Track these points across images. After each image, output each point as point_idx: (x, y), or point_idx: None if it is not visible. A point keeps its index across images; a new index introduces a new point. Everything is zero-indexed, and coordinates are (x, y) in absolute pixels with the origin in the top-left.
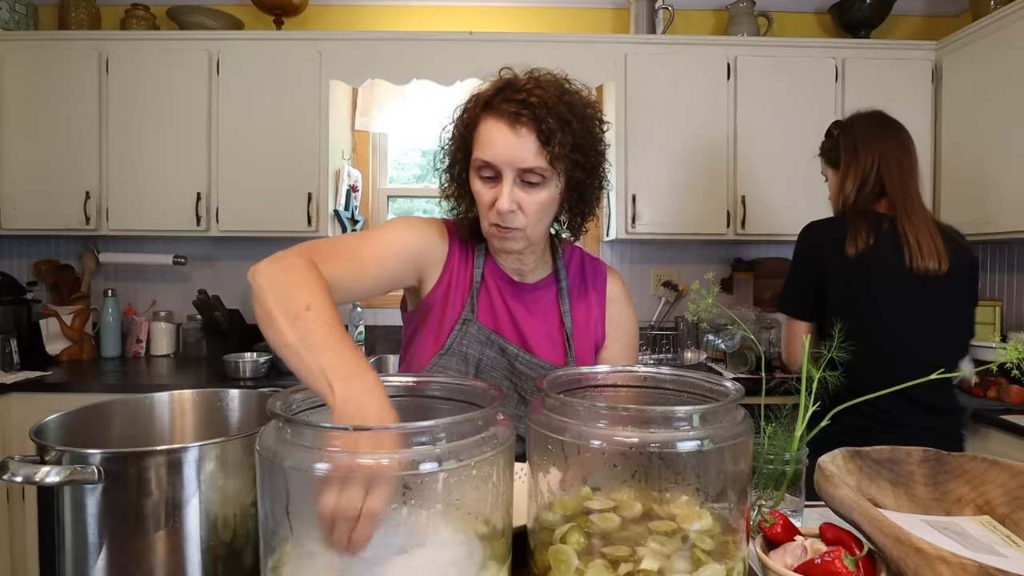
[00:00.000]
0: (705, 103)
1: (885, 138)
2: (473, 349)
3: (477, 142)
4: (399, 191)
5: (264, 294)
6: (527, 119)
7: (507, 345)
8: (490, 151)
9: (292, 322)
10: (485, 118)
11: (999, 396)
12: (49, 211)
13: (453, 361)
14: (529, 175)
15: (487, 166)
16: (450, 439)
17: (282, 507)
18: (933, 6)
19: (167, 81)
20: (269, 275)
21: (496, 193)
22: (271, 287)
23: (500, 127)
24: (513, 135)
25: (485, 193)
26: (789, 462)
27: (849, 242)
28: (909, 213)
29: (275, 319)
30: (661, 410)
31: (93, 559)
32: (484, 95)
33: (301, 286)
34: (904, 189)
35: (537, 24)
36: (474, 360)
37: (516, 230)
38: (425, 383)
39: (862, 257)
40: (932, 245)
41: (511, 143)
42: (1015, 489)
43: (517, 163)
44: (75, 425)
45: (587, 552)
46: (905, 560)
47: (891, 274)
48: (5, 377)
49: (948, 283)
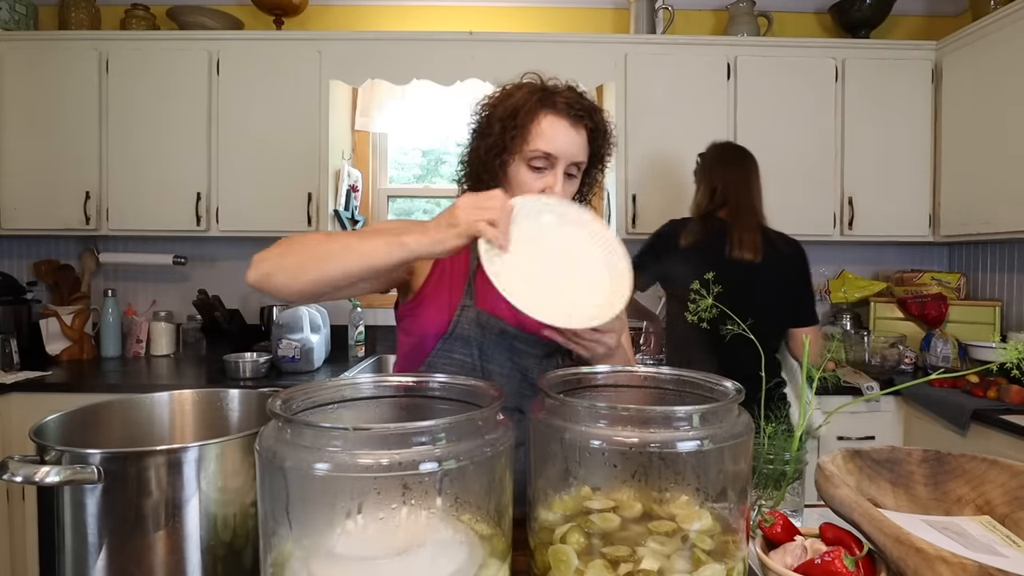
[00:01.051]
0: (705, 103)
1: (730, 163)
2: (475, 333)
3: (535, 135)
4: (399, 191)
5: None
6: (585, 119)
7: (506, 327)
8: (552, 144)
9: (324, 248)
10: (546, 114)
11: (999, 396)
12: (49, 211)
13: (457, 345)
14: (572, 168)
15: (545, 157)
16: (450, 439)
17: (282, 507)
18: (933, 6)
19: (167, 81)
20: (267, 255)
21: (546, 182)
22: (280, 255)
23: (563, 123)
24: (574, 132)
25: (533, 181)
26: (789, 462)
27: (684, 236)
28: (739, 218)
29: (307, 261)
30: (661, 410)
31: (93, 559)
32: (536, 91)
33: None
34: (738, 200)
35: (537, 24)
36: (476, 343)
37: None
38: (425, 383)
39: (690, 247)
40: (752, 241)
41: (572, 138)
42: (1015, 489)
43: (572, 157)
44: (75, 425)
45: (587, 552)
46: (905, 560)
47: (710, 260)
48: (5, 377)
49: (765, 271)
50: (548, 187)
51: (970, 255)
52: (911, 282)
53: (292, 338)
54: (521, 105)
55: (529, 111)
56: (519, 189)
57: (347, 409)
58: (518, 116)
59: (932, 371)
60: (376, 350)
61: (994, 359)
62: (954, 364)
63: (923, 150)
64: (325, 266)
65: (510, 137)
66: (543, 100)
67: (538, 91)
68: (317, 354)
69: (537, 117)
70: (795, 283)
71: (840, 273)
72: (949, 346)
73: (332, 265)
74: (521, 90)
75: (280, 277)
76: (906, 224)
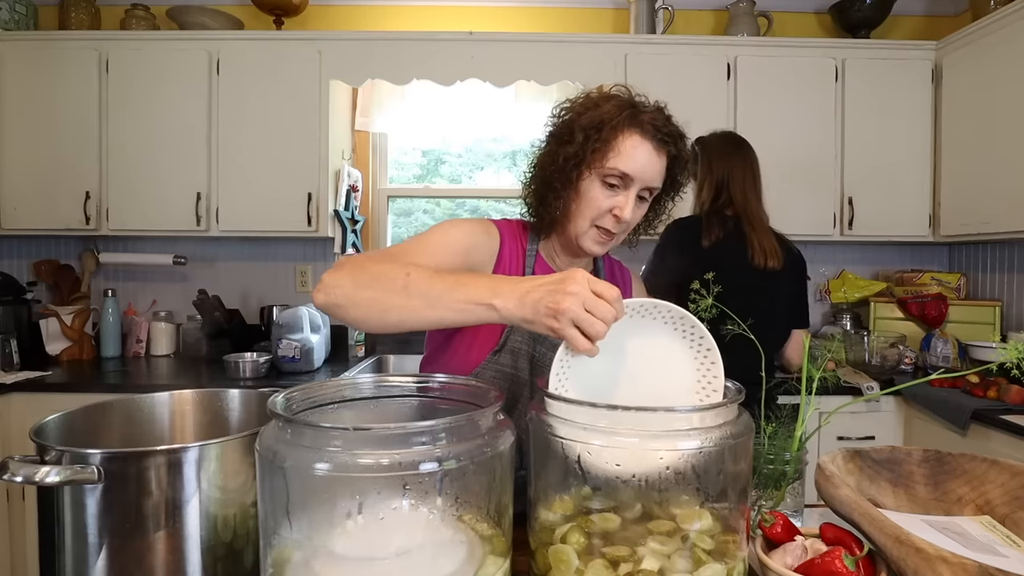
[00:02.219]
0: (705, 103)
1: (734, 156)
2: (527, 345)
3: (616, 153)
4: (399, 191)
5: (355, 294)
6: (669, 146)
7: (557, 340)
8: (632, 164)
9: (405, 293)
10: (631, 133)
11: (999, 396)
12: (49, 211)
13: (507, 358)
14: (645, 192)
15: (622, 176)
16: (450, 439)
17: (282, 507)
18: (933, 6)
19: (167, 81)
20: (342, 281)
21: (616, 202)
22: (355, 286)
23: (647, 146)
24: (656, 156)
25: (603, 199)
26: (789, 462)
27: (704, 237)
28: (752, 220)
29: (386, 300)
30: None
31: (93, 559)
32: (626, 107)
33: (381, 268)
34: (746, 199)
35: (537, 24)
36: (527, 355)
37: (614, 236)
38: (425, 383)
39: (713, 249)
40: (772, 248)
41: (653, 163)
42: (1015, 489)
43: (648, 181)
44: (75, 425)
45: (587, 552)
46: (905, 560)
47: (736, 263)
48: (5, 377)
49: (782, 277)
50: (617, 208)
51: (970, 255)
52: (911, 282)
53: (292, 338)
54: (608, 119)
55: (615, 127)
56: (587, 203)
57: (347, 409)
58: (603, 130)
59: (932, 371)
60: (376, 350)
61: (994, 359)
62: (954, 364)
63: (923, 150)
64: (402, 315)
65: (591, 149)
66: (631, 118)
67: (627, 107)
68: (317, 354)
69: (622, 135)
70: (802, 286)
71: (840, 273)
72: (949, 346)
73: (412, 317)
74: (609, 102)
75: (354, 313)
76: (906, 224)
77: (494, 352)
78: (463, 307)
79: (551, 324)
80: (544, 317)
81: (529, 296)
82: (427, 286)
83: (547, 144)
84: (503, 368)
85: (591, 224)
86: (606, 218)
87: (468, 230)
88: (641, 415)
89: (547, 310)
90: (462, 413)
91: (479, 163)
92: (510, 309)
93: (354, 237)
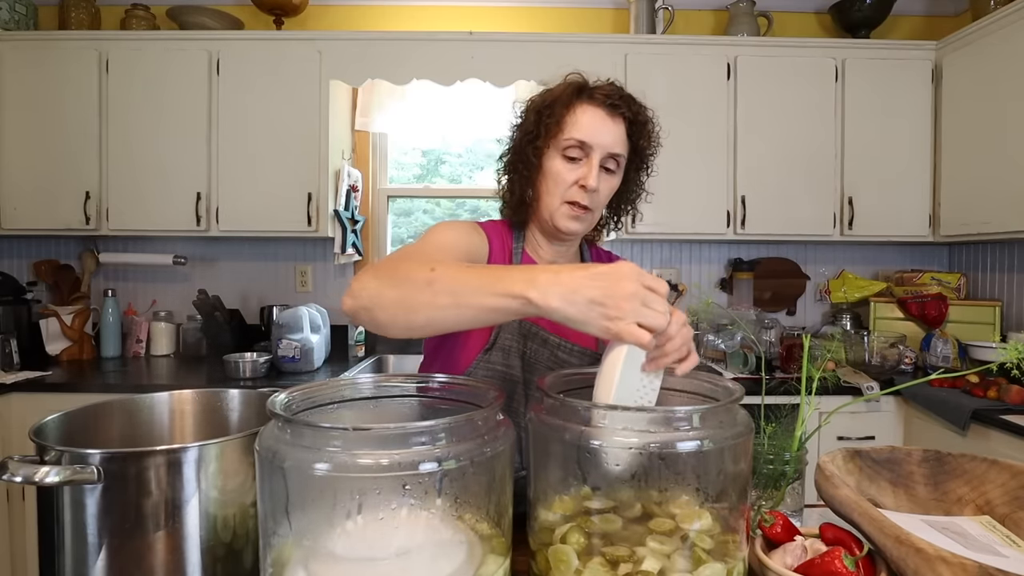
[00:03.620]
0: (705, 103)
1: None
2: (518, 343)
3: (570, 124)
4: (399, 191)
5: (381, 295)
6: (623, 110)
7: (548, 336)
8: (586, 132)
9: (430, 290)
10: (581, 103)
11: (999, 396)
12: (49, 211)
13: (499, 356)
14: (609, 161)
15: (579, 146)
16: (450, 439)
17: (282, 507)
18: (933, 6)
19: (167, 81)
20: (368, 283)
21: (580, 173)
22: (380, 286)
23: (598, 113)
24: (610, 121)
25: (567, 172)
26: (789, 462)
27: None
28: None
29: (412, 299)
30: (661, 410)
31: (93, 559)
32: (575, 85)
33: (406, 266)
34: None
35: (537, 24)
36: (518, 353)
37: (588, 211)
38: (425, 383)
39: None
40: None
41: (608, 128)
42: (1015, 489)
43: (607, 147)
44: (75, 425)
45: (587, 552)
46: (905, 560)
47: None
48: (5, 377)
49: None
50: (582, 178)
51: (970, 255)
52: (911, 282)
53: (292, 338)
54: (558, 96)
55: (565, 101)
56: (553, 180)
57: (347, 409)
58: (555, 106)
59: (932, 371)
60: (376, 350)
61: (994, 359)
62: (954, 364)
63: (923, 150)
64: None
65: (545, 126)
66: (580, 91)
67: (577, 85)
68: (317, 354)
69: (572, 106)
70: None
71: (840, 273)
72: (949, 346)
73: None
74: (560, 85)
75: (381, 316)
76: (906, 224)
77: (485, 351)
78: (495, 302)
79: (606, 326)
80: (600, 319)
81: (579, 295)
82: (454, 280)
83: (510, 134)
84: (494, 366)
85: (561, 200)
86: (573, 190)
87: (462, 231)
88: (641, 415)
89: (602, 315)
90: (462, 413)
91: (479, 163)
92: (553, 306)
93: (354, 237)
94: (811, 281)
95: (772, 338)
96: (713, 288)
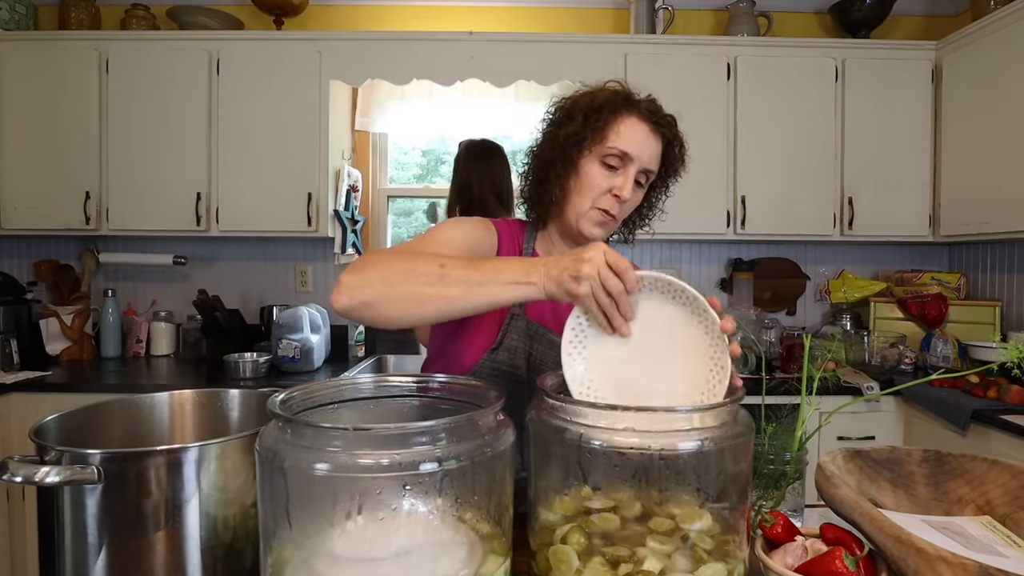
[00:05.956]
0: (705, 103)
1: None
2: (524, 344)
3: (615, 133)
4: (399, 191)
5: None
6: (664, 129)
7: (555, 338)
8: (631, 144)
9: (442, 284)
10: (629, 115)
11: (999, 396)
12: (49, 211)
13: (505, 356)
14: (641, 175)
15: (620, 156)
16: (450, 439)
17: (282, 507)
18: (933, 6)
19: (167, 81)
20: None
21: (615, 182)
22: (385, 283)
23: (643, 127)
24: (653, 138)
25: (603, 178)
26: (790, 462)
27: None
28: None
29: (423, 293)
30: (662, 410)
31: (93, 559)
32: (622, 94)
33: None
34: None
35: (537, 24)
36: (524, 354)
37: (614, 220)
38: (425, 383)
39: None
40: None
41: (650, 144)
42: (1016, 489)
43: (646, 163)
44: (75, 425)
45: (587, 552)
46: (905, 560)
47: None
48: (5, 377)
49: None
50: (617, 187)
51: (970, 255)
52: (911, 282)
53: (292, 338)
54: (606, 103)
55: (614, 109)
56: (587, 184)
57: (347, 409)
58: (602, 112)
59: (932, 371)
60: (376, 350)
61: (994, 359)
62: (954, 364)
63: (923, 150)
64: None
65: (591, 129)
66: (627, 102)
67: (623, 94)
68: (317, 354)
69: (620, 116)
70: None
71: (840, 273)
72: (949, 346)
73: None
74: (605, 91)
75: (386, 311)
76: (906, 224)
77: (491, 350)
78: (506, 290)
79: (572, 288)
80: (568, 283)
81: (555, 268)
82: (465, 275)
83: (546, 131)
84: (500, 366)
85: (592, 205)
86: (606, 198)
87: (470, 227)
88: (641, 415)
89: (569, 278)
90: (462, 413)
91: None
92: (544, 283)
93: (354, 237)
94: (811, 281)
95: (772, 338)
96: (713, 288)
